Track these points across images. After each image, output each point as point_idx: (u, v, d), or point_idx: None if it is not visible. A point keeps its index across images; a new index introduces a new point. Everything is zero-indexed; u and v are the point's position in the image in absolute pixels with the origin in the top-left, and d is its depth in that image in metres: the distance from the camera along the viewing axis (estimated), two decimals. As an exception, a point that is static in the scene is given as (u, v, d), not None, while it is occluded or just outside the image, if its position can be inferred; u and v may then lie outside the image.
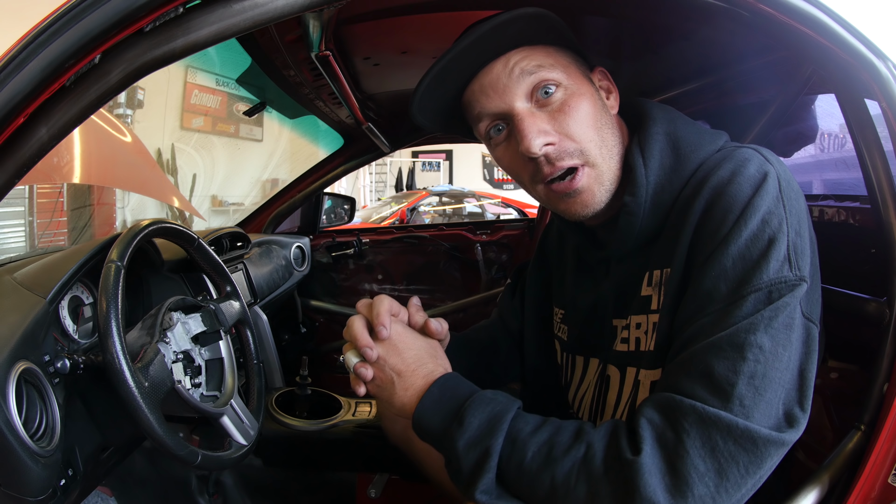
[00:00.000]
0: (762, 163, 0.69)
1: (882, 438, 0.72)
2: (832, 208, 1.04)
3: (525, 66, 0.74)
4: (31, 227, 4.13)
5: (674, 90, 1.34)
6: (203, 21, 0.59)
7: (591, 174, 0.76)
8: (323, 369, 2.37)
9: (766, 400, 0.60)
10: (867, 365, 0.80)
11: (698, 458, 0.58)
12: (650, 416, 0.62)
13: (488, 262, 2.52)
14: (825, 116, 1.15)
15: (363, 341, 0.76)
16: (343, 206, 2.59)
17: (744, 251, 0.65)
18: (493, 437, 0.66)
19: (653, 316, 0.75)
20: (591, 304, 0.89)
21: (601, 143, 0.76)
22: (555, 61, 0.76)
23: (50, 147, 0.65)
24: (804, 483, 0.75)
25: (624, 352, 0.81)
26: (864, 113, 0.81)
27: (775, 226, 0.65)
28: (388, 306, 0.79)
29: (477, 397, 0.71)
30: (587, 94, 0.76)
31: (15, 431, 0.69)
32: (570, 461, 0.63)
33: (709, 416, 0.59)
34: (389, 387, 0.75)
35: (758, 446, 0.59)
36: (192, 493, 1.31)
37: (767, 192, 0.66)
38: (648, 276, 0.77)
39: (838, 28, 0.72)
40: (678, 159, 0.76)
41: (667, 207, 0.75)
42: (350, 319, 0.79)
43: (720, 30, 0.98)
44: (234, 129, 6.92)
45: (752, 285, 0.63)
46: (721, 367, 0.61)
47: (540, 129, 0.73)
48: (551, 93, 0.74)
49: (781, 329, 0.62)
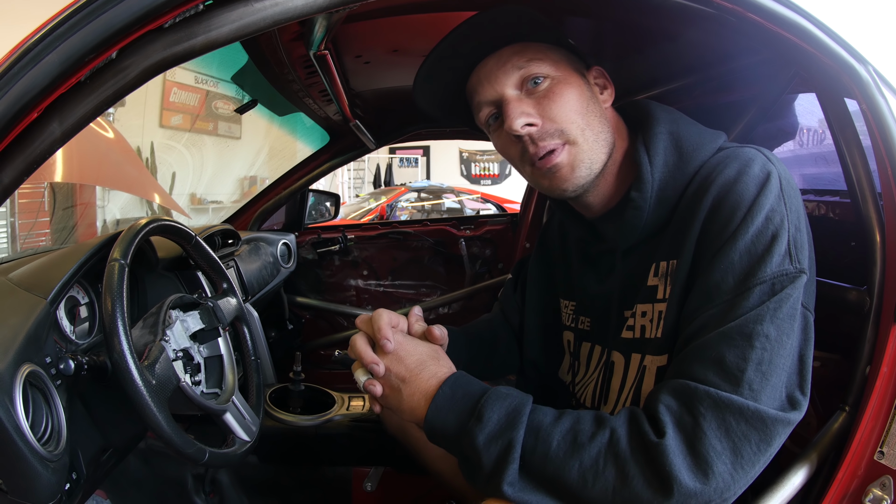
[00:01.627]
0: (765, 163, 0.74)
1: (866, 418, 0.77)
2: (812, 202, 1.09)
3: (516, 60, 0.82)
4: (13, 227, 4.00)
5: (658, 88, 1.37)
6: (224, 19, 0.59)
7: (571, 151, 0.81)
8: (310, 365, 2.37)
9: (772, 384, 0.65)
10: (848, 354, 0.85)
11: (715, 439, 0.63)
12: (668, 403, 0.66)
13: (472, 257, 2.55)
14: (805, 113, 1.20)
15: (368, 358, 0.78)
16: (327, 202, 2.58)
17: (750, 246, 0.70)
18: (514, 429, 0.69)
19: (659, 305, 0.80)
20: (600, 295, 0.92)
21: (585, 125, 0.81)
22: (545, 56, 0.82)
23: (62, 143, 0.64)
24: (793, 462, 0.80)
25: (629, 339, 0.84)
26: (845, 112, 0.85)
27: (777, 222, 0.70)
28: (387, 319, 0.80)
29: (492, 393, 0.73)
30: (574, 85, 0.82)
31: (24, 436, 0.67)
32: (596, 446, 0.66)
33: (722, 399, 0.64)
34: (397, 395, 0.77)
35: (767, 426, 0.64)
36: (188, 492, 1.30)
37: (771, 191, 0.71)
38: (655, 266, 0.81)
39: (822, 35, 0.77)
40: (681, 157, 0.81)
41: (671, 202, 0.80)
42: (352, 339, 0.81)
43: (706, 32, 1.01)
44: (213, 127, 6.79)
45: (757, 278, 0.68)
46: (731, 355, 0.66)
47: (523, 111, 0.80)
48: (539, 83, 0.81)
49: (785, 319, 0.67)
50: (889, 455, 0.75)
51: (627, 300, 0.86)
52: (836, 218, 1.05)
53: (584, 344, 0.97)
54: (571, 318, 1.01)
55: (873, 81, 0.80)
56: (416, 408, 0.75)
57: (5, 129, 0.59)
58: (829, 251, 1.00)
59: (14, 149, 0.62)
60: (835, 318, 0.92)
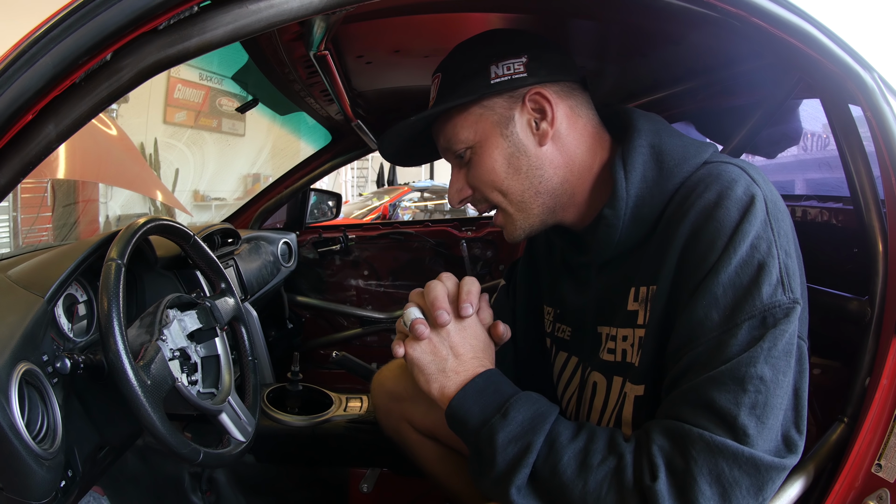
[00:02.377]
0: (749, 184, 0.69)
1: (865, 430, 0.76)
2: (815, 209, 1.08)
3: (442, 140, 0.85)
4: (16, 222, 4.02)
5: (661, 92, 1.36)
6: (218, 21, 0.58)
7: (503, 216, 0.84)
8: (310, 365, 2.37)
9: (769, 427, 0.62)
10: (848, 361, 0.83)
11: (705, 485, 0.60)
12: (661, 444, 0.64)
13: (473, 258, 2.54)
14: (808, 119, 1.19)
15: (441, 304, 0.76)
16: (329, 201, 2.58)
17: (734, 278, 0.65)
18: (535, 434, 0.67)
19: (639, 330, 0.76)
20: (578, 307, 0.90)
21: (507, 188, 0.81)
22: (461, 128, 0.82)
23: (57, 145, 0.64)
24: (790, 472, 0.79)
25: (610, 361, 0.81)
26: (849, 118, 0.84)
27: (764, 250, 0.65)
28: (479, 288, 0.80)
29: (523, 395, 0.72)
30: (493, 146, 0.81)
31: (19, 434, 0.68)
32: (603, 471, 0.64)
33: (716, 444, 0.61)
34: (440, 363, 0.75)
35: (761, 472, 0.61)
36: (185, 490, 1.31)
37: (755, 216, 0.66)
38: (635, 291, 0.77)
39: (827, 41, 0.75)
40: (661, 173, 0.76)
41: (649, 221, 0.76)
42: (431, 283, 0.79)
43: (710, 36, 1.00)
44: (217, 124, 6.82)
45: (745, 313, 0.64)
46: (723, 400, 0.62)
47: (457, 188, 0.86)
48: (462, 156, 0.83)
49: (781, 357, 0.63)
50: (887, 468, 0.74)
51: (602, 316, 0.84)
52: (838, 224, 1.04)
53: (560, 353, 0.95)
54: (551, 325, 0.99)
55: (878, 88, 0.79)
56: (448, 386, 0.74)
57: (0, 131, 0.59)
58: (831, 258, 0.99)
59: (10, 150, 0.62)
60: (835, 324, 0.91)
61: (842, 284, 0.89)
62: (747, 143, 1.10)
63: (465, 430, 0.72)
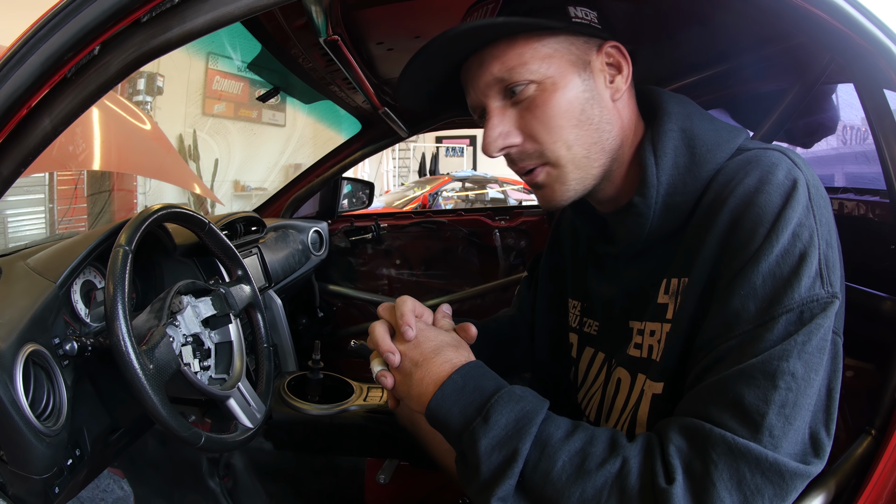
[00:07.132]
0: (790, 167, 0.64)
1: (893, 444, 0.70)
2: (852, 202, 1.00)
3: (497, 68, 0.71)
4: (52, 213, 4.25)
5: (690, 77, 1.30)
6: (198, 10, 0.59)
7: (553, 173, 0.74)
8: (338, 354, 2.40)
9: (795, 427, 0.58)
10: (883, 364, 0.77)
11: (724, 491, 0.57)
12: (678, 444, 0.60)
13: (506, 248, 2.50)
14: (847, 108, 1.10)
15: (385, 346, 0.73)
16: (362, 190, 2.59)
17: (774, 268, 0.61)
18: (521, 439, 0.63)
19: (666, 325, 0.72)
20: (606, 299, 0.86)
21: (574, 140, 0.72)
22: (533, 55, 0.71)
23: (54, 137, 0.66)
24: (810, 487, 0.73)
25: (637, 357, 0.77)
26: (884, 104, 0.77)
27: (806, 239, 0.61)
28: (411, 306, 0.75)
29: (505, 393, 0.67)
30: (568, 87, 0.71)
31: (20, 410, 0.71)
32: (603, 476, 0.60)
33: (738, 447, 0.57)
34: (407, 381, 0.72)
35: (784, 479, 0.57)
36: (202, 475, 1.34)
37: (798, 202, 0.62)
38: (666, 283, 0.73)
39: (854, 12, 0.69)
40: (693, 159, 0.71)
41: (682, 210, 0.72)
42: (371, 326, 0.77)
43: (737, 14, 0.94)
44: (257, 115, 6.99)
45: (783, 305, 0.60)
46: (751, 396, 0.58)
47: (501, 132, 0.73)
48: (521, 90, 0.71)
49: (815, 353, 0.59)
50: (914, 486, 0.68)
51: (632, 310, 0.79)
52: (876, 219, 0.95)
53: (586, 349, 0.91)
54: (577, 320, 0.94)
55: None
56: (424, 394, 0.69)
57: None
58: (866, 253, 0.91)
59: (9, 144, 0.66)
60: (872, 323, 0.84)
61: (876, 282, 0.82)
62: (779, 129, 1.04)
63: (448, 434, 0.69)
